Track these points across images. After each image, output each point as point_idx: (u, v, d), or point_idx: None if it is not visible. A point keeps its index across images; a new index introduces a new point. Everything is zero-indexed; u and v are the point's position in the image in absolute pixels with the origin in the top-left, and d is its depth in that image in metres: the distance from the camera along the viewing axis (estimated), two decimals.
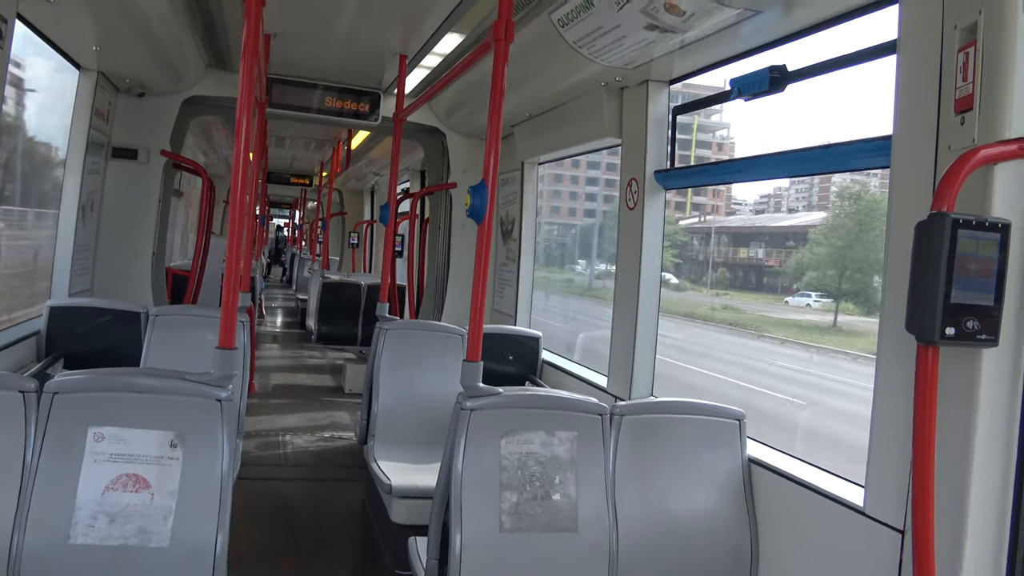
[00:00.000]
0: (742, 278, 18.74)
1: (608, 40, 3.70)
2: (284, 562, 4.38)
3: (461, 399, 3.00)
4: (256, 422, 7.07)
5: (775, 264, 17.89)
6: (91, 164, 5.48)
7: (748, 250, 19.09)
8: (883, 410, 2.55)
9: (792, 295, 15.72)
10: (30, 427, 2.59)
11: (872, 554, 2.55)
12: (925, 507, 2.05)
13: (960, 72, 2.23)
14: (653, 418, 3.23)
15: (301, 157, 13.78)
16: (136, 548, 2.56)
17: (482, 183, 3.04)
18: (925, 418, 2.04)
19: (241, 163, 2.88)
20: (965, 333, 1.99)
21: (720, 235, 20.23)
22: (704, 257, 20.49)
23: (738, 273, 19.06)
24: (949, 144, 2.27)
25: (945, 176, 2.02)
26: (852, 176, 13.61)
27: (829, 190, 22.72)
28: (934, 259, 1.98)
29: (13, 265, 6.09)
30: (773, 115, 25.15)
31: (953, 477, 2.19)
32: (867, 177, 13.45)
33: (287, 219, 30.06)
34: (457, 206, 7.20)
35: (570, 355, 5.86)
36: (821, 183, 23.17)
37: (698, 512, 3.15)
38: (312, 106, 6.44)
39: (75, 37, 4.73)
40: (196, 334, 4.59)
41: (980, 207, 2.14)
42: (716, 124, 28.25)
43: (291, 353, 11.56)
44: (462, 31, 4.97)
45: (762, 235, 18.92)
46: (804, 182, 24.05)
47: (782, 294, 16.70)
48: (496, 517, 2.92)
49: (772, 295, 17.29)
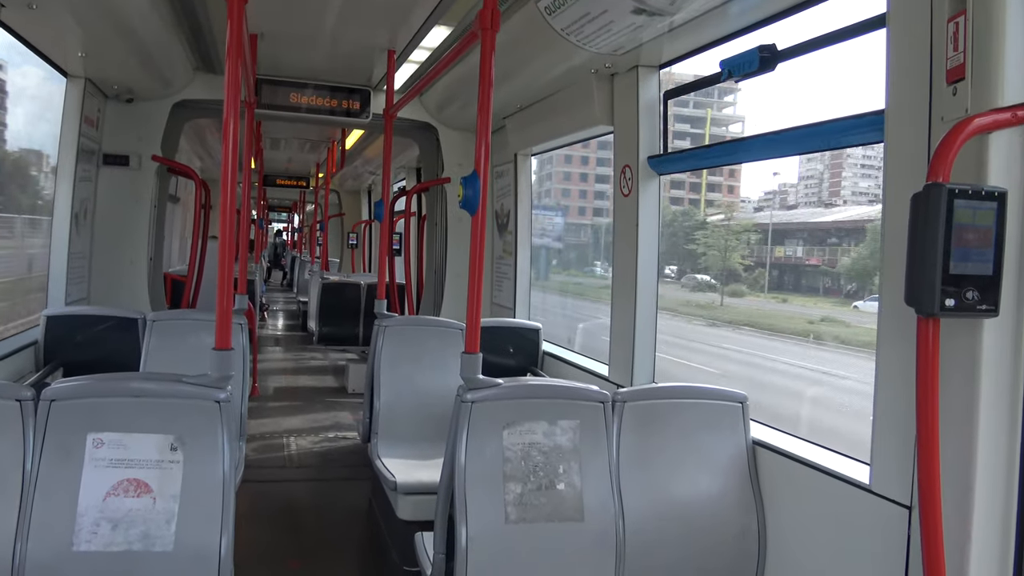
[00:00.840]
0: (794, 279, 17.77)
1: (596, 26, 3.67)
2: (290, 563, 4.37)
3: (461, 392, 2.98)
4: (259, 425, 7.06)
5: (820, 263, 16.93)
6: (82, 172, 5.46)
7: (785, 248, 18.20)
8: (885, 386, 2.53)
9: (861, 299, 14.80)
10: (28, 435, 2.57)
11: (879, 531, 2.54)
12: (931, 482, 2.03)
13: (951, 42, 2.21)
14: (655, 404, 3.21)
15: (296, 159, 13.76)
16: (140, 553, 2.54)
17: (474, 174, 3.01)
18: (927, 392, 2.02)
19: (229, 163, 2.86)
20: (965, 304, 1.97)
21: (764, 232, 19.22)
22: (756, 257, 19.45)
23: (788, 274, 18.07)
24: (942, 115, 2.25)
25: (939, 147, 2.00)
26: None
27: (840, 184, 22.25)
28: (931, 230, 1.96)
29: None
30: (788, 104, 24.77)
31: (958, 450, 2.18)
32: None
33: (286, 223, 30.05)
34: (452, 201, 7.18)
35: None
36: (832, 176, 22.50)
37: (703, 496, 3.14)
38: (302, 105, 6.42)
39: (60, 44, 4.70)
40: (194, 338, 4.58)
41: (976, 177, 2.12)
42: (729, 117, 27.55)
43: (293, 355, 11.56)
44: (449, 23, 4.95)
45: (801, 231, 18.06)
46: (814, 176, 23.45)
47: (847, 297, 15.73)
48: (501, 509, 2.91)
49: (831, 297, 16.24)
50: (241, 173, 6.49)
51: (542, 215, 25.47)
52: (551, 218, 25.79)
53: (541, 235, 22.65)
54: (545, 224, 23.64)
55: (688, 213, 24.13)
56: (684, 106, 25.91)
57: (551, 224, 24.25)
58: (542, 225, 22.67)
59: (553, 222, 25.16)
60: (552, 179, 29.25)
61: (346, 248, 17.13)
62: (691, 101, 25.59)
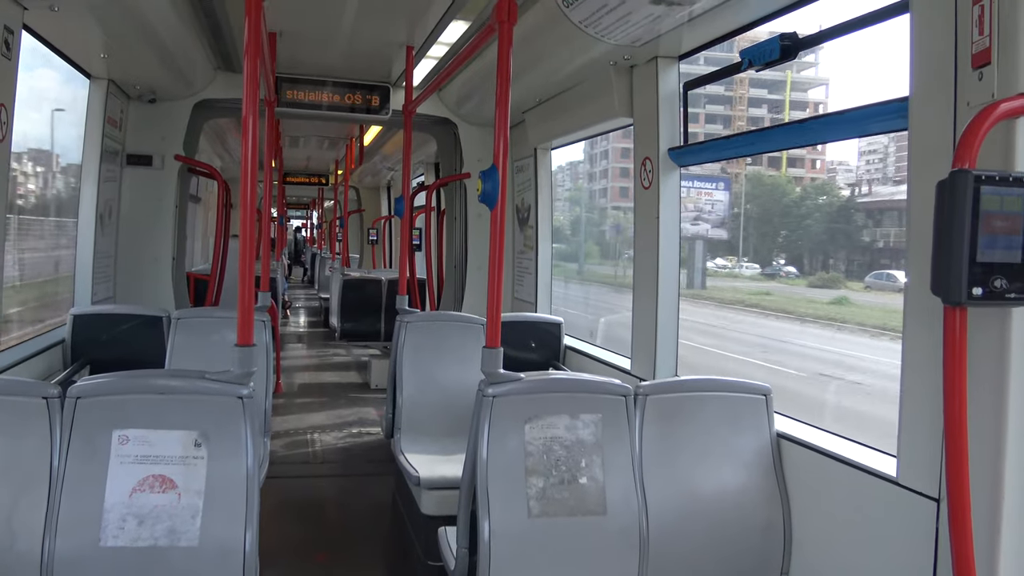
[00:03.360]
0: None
1: (614, 17, 3.65)
2: (316, 558, 4.40)
3: (483, 386, 2.98)
4: (284, 421, 7.12)
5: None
6: (107, 172, 5.52)
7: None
8: (912, 377, 2.50)
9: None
10: (55, 432, 2.61)
11: (907, 524, 2.50)
12: (959, 474, 2.00)
13: (976, 26, 2.17)
14: (678, 397, 3.19)
15: (315, 156, 13.82)
16: (166, 548, 2.57)
17: (492, 167, 3.00)
18: (955, 383, 1.98)
19: (249, 161, 2.87)
20: (993, 292, 1.93)
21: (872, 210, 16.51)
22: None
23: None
24: (968, 100, 2.21)
25: (965, 133, 1.96)
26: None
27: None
28: (958, 218, 1.92)
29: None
30: (881, 66, 22.77)
31: (987, 442, 2.14)
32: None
33: (304, 219, 30.23)
34: (472, 196, 7.18)
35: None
36: (899, 151, 20.59)
37: (728, 489, 3.12)
38: (322, 103, 6.44)
39: (83, 46, 4.75)
40: (218, 335, 4.62)
41: (1003, 163, 2.08)
42: (809, 81, 25.05)
43: (316, 352, 11.63)
44: (467, 18, 4.94)
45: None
46: (878, 151, 21.32)
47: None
48: (524, 503, 2.91)
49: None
50: (262, 171, 6.53)
51: (692, 188, 17.14)
52: (708, 192, 17.18)
53: (694, 220, 16.72)
54: (700, 203, 15.59)
55: (774, 189, 20.81)
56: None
57: (708, 203, 16.12)
58: (696, 205, 16.07)
59: (712, 200, 16.63)
60: (608, 157, 26.55)
61: (366, 244, 17.19)
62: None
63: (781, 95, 24.51)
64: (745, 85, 26.06)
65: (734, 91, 32.95)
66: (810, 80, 25.83)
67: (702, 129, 20.30)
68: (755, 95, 23.71)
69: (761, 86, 24.09)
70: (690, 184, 17.97)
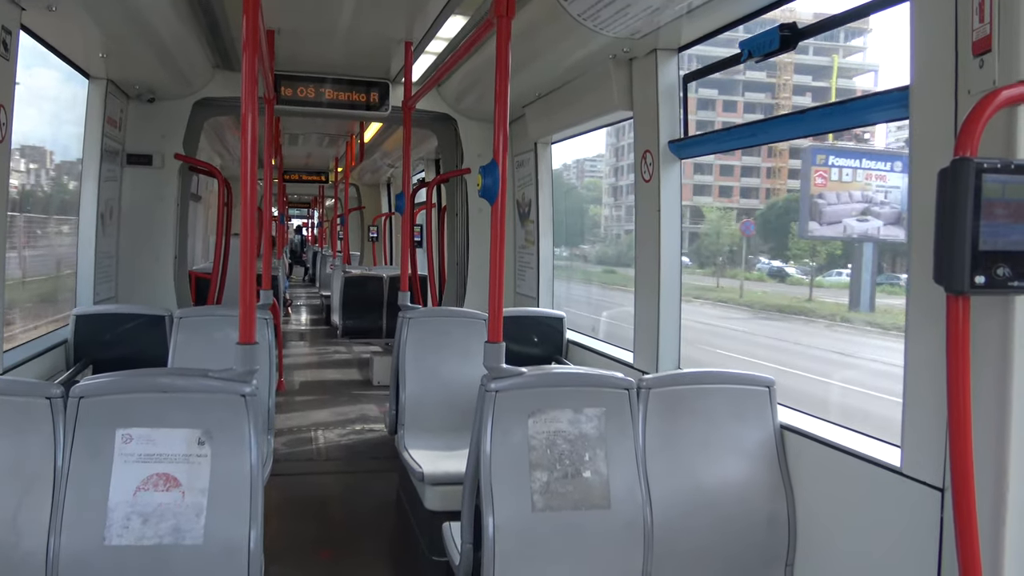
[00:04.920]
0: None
1: (613, 10, 3.64)
2: (321, 555, 4.41)
3: (485, 381, 2.98)
4: (287, 419, 7.12)
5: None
6: (107, 172, 5.52)
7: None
8: (916, 367, 2.49)
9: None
10: (59, 432, 2.62)
11: (912, 514, 2.50)
12: (964, 464, 1.99)
13: (976, 13, 2.16)
14: (681, 389, 3.19)
15: (315, 154, 13.81)
16: (171, 547, 2.58)
17: (492, 162, 3.00)
18: (958, 372, 1.98)
19: (249, 159, 2.87)
20: (996, 280, 1.92)
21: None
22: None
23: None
24: (969, 88, 2.20)
25: (966, 121, 1.95)
26: None
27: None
28: (960, 206, 1.91)
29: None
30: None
31: (992, 431, 2.14)
32: None
33: (305, 218, 30.20)
34: (472, 192, 7.17)
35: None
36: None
37: (731, 482, 3.12)
38: (321, 100, 6.44)
39: (81, 46, 4.75)
40: (220, 334, 4.62)
41: (1005, 150, 2.07)
42: (856, 68, 22.76)
43: (318, 349, 11.64)
44: (465, 12, 4.92)
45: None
46: (904, 128, 21.13)
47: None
48: (528, 497, 2.91)
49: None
50: (262, 169, 6.53)
51: (860, 170, 12.77)
52: (881, 175, 12.84)
53: (861, 214, 12.37)
54: (871, 190, 11.54)
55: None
56: (804, 53, 21.53)
57: (881, 190, 11.79)
58: (864, 194, 12.08)
59: (885, 186, 12.07)
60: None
61: (367, 241, 17.19)
62: (811, 47, 20.81)
63: (826, 82, 23.33)
64: (789, 71, 24.55)
65: (777, 78, 30.99)
66: (858, 66, 24.61)
67: (740, 119, 18.99)
68: (799, 82, 22.58)
69: (806, 72, 22.96)
70: (857, 163, 13.94)
